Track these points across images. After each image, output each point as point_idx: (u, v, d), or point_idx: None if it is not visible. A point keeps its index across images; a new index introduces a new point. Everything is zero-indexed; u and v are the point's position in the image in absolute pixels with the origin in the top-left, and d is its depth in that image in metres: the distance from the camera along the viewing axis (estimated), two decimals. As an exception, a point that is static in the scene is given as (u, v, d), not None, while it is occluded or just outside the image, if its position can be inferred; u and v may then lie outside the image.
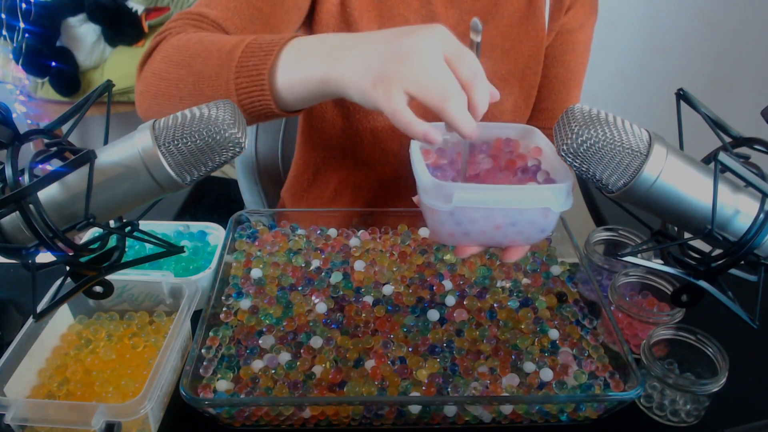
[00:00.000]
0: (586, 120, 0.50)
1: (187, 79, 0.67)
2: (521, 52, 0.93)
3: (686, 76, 2.07)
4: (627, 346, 0.67)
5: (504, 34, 0.92)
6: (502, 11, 0.92)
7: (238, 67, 0.63)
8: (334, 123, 0.94)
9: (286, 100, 0.64)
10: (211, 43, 0.68)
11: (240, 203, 1.26)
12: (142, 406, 0.59)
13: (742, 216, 0.52)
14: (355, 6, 0.86)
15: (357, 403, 0.63)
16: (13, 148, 0.46)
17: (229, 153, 0.50)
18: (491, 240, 0.59)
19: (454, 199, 0.54)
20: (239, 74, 0.63)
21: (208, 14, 0.77)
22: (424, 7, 0.89)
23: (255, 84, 0.63)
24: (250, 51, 0.63)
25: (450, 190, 0.54)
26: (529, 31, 0.93)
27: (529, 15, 0.92)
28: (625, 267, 0.80)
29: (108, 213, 0.51)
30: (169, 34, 0.73)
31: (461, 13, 0.91)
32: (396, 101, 0.53)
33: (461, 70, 0.54)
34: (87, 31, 2.06)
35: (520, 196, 0.56)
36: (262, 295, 0.76)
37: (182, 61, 0.68)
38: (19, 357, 0.65)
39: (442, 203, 0.55)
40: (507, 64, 0.94)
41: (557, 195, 0.56)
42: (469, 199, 0.54)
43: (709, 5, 1.98)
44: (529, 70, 0.95)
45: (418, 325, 0.73)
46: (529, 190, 0.57)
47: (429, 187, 0.56)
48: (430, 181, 0.56)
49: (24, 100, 2.12)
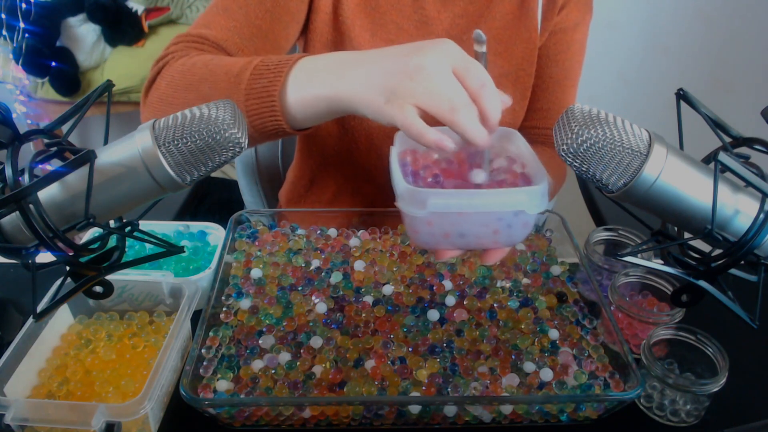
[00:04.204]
0: (586, 120, 0.50)
1: (194, 104, 0.67)
2: (514, 54, 0.93)
3: (686, 76, 2.07)
4: (627, 346, 0.67)
5: (496, 37, 0.92)
6: (494, 13, 0.92)
7: (248, 89, 0.64)
8: (330, 129, 0.94)
9: (296, 118, 0.65)
10: (217, 66, 0.68)
11: (240, 203, 1.26)
12: (142, 406, 0.59)
13: (742, 216, 0.52)
14: (347, 14, 0.86)
15: (357, 403, 0.63)
16: (13, 148, 0.46)
17: (229, 153, 0.50)
18: (469, 244, 0.59)
19: (428, 205, 0.54)
20: (249, 96, 0.64)
21: (208, 35, 0.77)
22: (417, 13, 0.89)
23: (266, 105, 0.64)
24: (258, 73, 0.64)
25: (424, 196, 0.55)
26: (522, 32, 0.93)
27: (521, 16, 0.92)
28: (625, 267, 0.80)
29: (108, 213, 0.51)
30: (171, 59, 0.74)
31: (453, 17, 0.91)
32: (409, 114, 0.56)
33: (469, 81, 0.56)
34: (87, 31, 2.07)
35: (495, 200, 0.56)
36: (262, 295, 0.76)
37: (189, 86, 0.69)
38: (19, 357, 0.65)
39: (417, 209, 0.55)
40: (500, 66, 0.94)
41: (532, 197, 0.56)
42: (444, 205, 0.55)
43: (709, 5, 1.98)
44: (522, 72, 0.95)
45: (418, 325, 0.73)
46: (503, 194, 0.57)
47: (404, 193, 0.56)
48: (405, 187, 0.56)
49: (24, 100, 2.12)
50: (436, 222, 0.56)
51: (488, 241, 0.59)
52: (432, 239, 0.59)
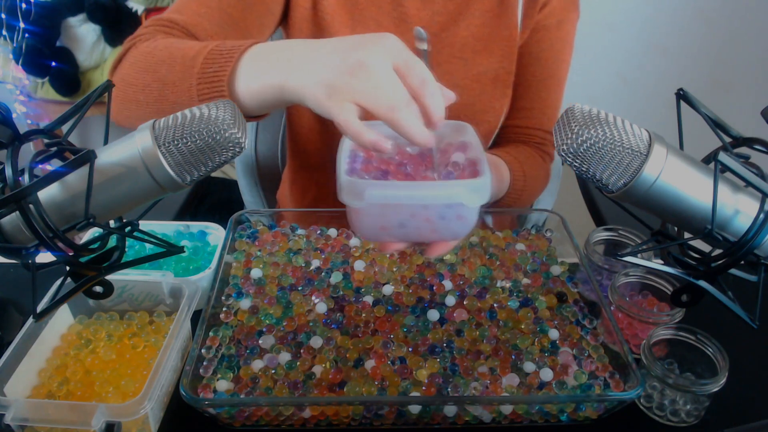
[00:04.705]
0: (586, 120, 0.50)
1: (152, 85, 0.68)
2: (494, 52, 0.93)
3: (686, 76, 2.07)
4: (627, 346, 0.67)
5: (475, 35, 0.92)
6: (472, 11, 0.91)
7: (200, 73, 0.64)
8: (312, 127, 0.94)
9: (246, 105, 0.64)
10: (177, 49, 0.68)
11: (240, 203, 1.26)
12: (142, 406, 0.59)
13: (742, 216, 0.52)
14: (327, 10, 0.86)
15: (357, 403, 0.63)
16: (13, 148, 0.46)
17: (229, 153, 0.50)
18: (410, 236, 0.59)
19: (365, 196, 0.55)
20: (201, 80, 0.64)
21: (178, 20, 0.77)
22: (396, 10, 0.89)
23: (215, 90, 0.63)
24: (211, 58, 0.64)
25: (362, 187, 0.55)
26: (502, 30, 0.92)
27: (500, 14, 0.91)
28: (625, 267, 0.80)
29: (108, 213, 0.51)
30: (138, 41, 0.74)
31: (432, 14, 0.91)
32: (346, 112, 0.55)
33: (410, 79, 0.55)
34: (87, 31, 2.06)
35: (433, 192, 0.56)
36: (262, 295, 0.76)
37: (148, 68, 0.69)
38: (19, 357, 0.65)
39: (355, 200, 0.55)
40: (479, 65, 0.93)
41: (470, 190, 0.55)
42: (381, 196, 0.55)
43: (709, 5, 1.98)
44: (502, 70, 0.94)
45: (418, 325, 0.73)
46: (441, 186, 0.57)
47: (343, 184, 0.56)
48: (345, 179, 0.56)
49: (24, 100, 2.12)
50: (374, 213, 0.56)
51: (428, 234, 0.59)
52: (372, 231, 0.59)
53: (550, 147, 1.03)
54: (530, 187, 0.96)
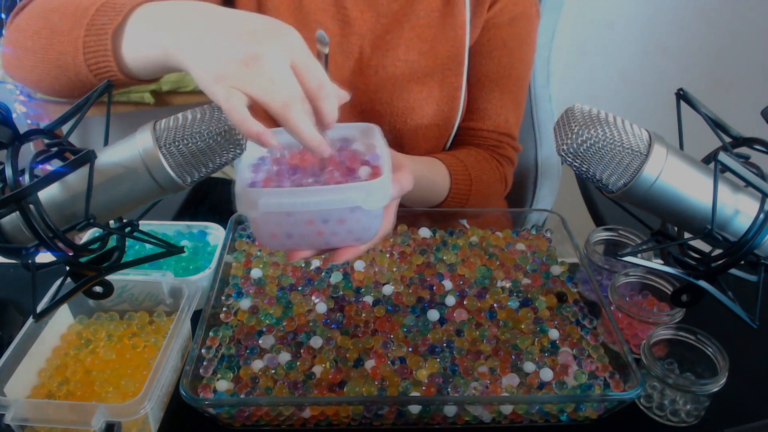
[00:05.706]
0: (586, 120, 0.50)
1: (42, 32, 0.65)
2: (440, 53, 0.91)
3: (686, 76, 2.07)
4: (627, 346, 0.67)
5: (420, 36, 0.90)
6: (418, 11, 0.89)
7: (89, 24, 0.61)
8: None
9: (129, 65, 0.61)
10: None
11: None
12: (142, 406, 0.59)
13: (742, 216, 0.52)
14: (271, 13, 0.85)
15: (357, 403, 0.63)
16: (13, 148, 0.46)
17: (230, 154, 0.50)
18: (314, 243, 0.58)
19: (260, 205, 0.53)
20: (88, 32, 0.61)
21: None
22: (340, 12, 0.88)
23: (100, 44, 0.60)
24: (103, 10, 0.61)
25: (255, 196, 0.53)
26: (448, 30, 0.90)
27: (446, 14, 0.89)
28: (625, 267, 0.80)
29: (108, 213, 0.51)
30: None
31: (377, 16, 0.90)
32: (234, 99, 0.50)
33: (307, 80, 0.53)
34: (87, 31, 2.06)
35: (329, 197, 0.54)
36: (262, 295, 0.76)
37: (41, 14, 0.67)
38: (19, 357, 0.65)
39: (251, 210, 0.53)
40: (424, 66, 0.91)
41: (368, 193, 0.54)
42: (276, 204, 0.53)
43: (709, 5, 1.98)
44: (449, 71, 0.92)
45: (418, 325, 0.73)
46: (338, 191, 0.55)
47: (238, 194, 0.54)
48: (239, 189, 0.54)
49: (24, 100, 2.12)
50: (272, 222, 0.55)
51: (332, 240, 0.57)
52: (276, 240, 0.57)
53: (509, 150, 1.00)
54: (478, 192, 0.94)
